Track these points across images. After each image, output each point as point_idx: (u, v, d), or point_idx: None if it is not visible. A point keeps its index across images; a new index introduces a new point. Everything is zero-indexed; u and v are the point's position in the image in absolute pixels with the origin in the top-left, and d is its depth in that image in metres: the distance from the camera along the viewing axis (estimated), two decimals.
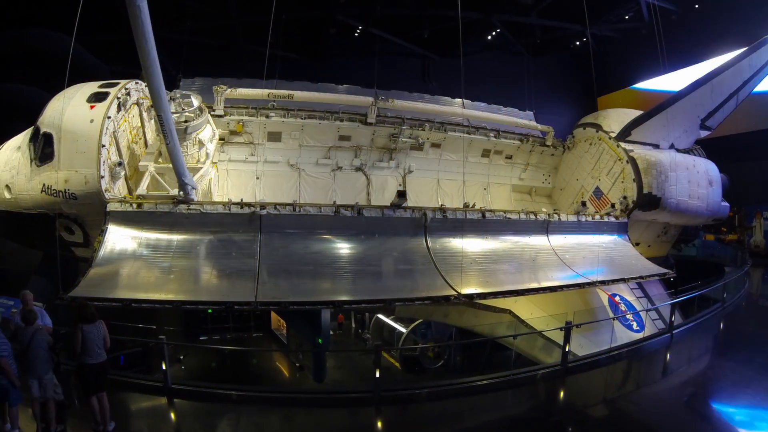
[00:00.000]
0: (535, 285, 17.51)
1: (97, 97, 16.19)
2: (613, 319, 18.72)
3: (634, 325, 19.56)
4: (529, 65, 44.67)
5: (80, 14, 10.90)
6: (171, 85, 19.30)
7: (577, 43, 47.08)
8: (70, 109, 15.79)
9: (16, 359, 9.95)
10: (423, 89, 29.21)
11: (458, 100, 25.34)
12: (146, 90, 17.70)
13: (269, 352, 27.96)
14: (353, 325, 31.77)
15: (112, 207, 15.27)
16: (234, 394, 12.60)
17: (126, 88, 17.10)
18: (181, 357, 23.99)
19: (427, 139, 23.84)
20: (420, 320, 25.85)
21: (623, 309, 20.15)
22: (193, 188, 15.48)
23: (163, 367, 12.81)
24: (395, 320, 27.81)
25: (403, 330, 26.57)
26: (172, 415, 12.13)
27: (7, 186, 16.83)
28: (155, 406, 12.42)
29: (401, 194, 17.06)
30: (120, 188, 16.56)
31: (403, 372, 25.52)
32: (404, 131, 23.05)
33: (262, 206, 15.80)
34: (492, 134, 25.06)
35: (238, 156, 22.05)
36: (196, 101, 18.29)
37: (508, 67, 45.89)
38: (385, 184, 23.68)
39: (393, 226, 17.14)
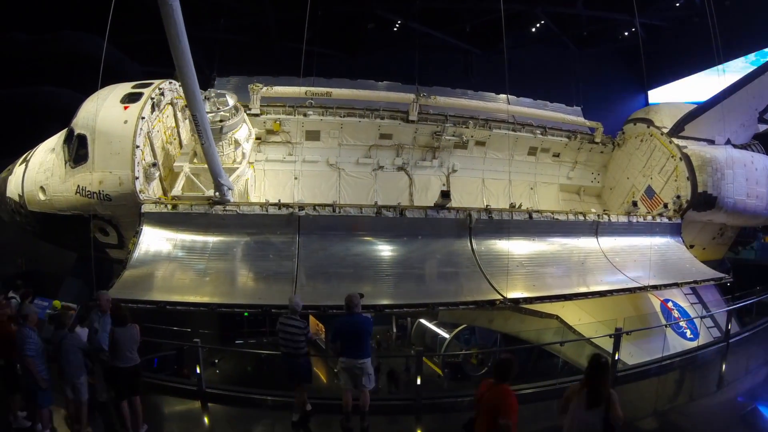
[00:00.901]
0: (583, 289, 17.28)
1: (131, 98, 16.37)
2: (666, 326, 18.13)
3: (688, 333, 19.12)
4: (576, 58, 44.14)
5: (112, 15, 10.97)
6: (205, 84, 19.43)
7: (626, 33, 45.60)
8: (104, 110, 15.98)
9: (50, 361, 10.08)
10: (466, 85, 28.91)
11: (503, 96, 25.05)
12: (180, 90, 17.82)
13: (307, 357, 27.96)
14: (394, 331, 31.66)
15: (146, 208, 15.41)
16: (269, 400, 12.67)
17: (160, 89, 17.27)
18: (216, 360, 24.16)
19: (472, 136, 23.62)
20: (464, 325, 25.67)
21: (676, 316, 19.70)
22: (229, 189, 15.55)
23: (198, 370, 13.01)
24: (438, 325, 27.63)
25: (446, 336, 26.41)
26: (206, 420, 12.24)
27: (41, 188, 17.15)
28: (189, 409, 12.56)
29: (445, 194, 16.92)
30: (155, 189, 16.72)
31: (446, 379, 25.34)
32: (447, 129, 22.82)
33: (301, 207, 15.80)
34: (538, 131, 24.71)
35: (275, 156, 22.10)
36: (231, 100, 18.40)
37: (553, 60, 45.07)
38: (428, 184, 23.46)
39: (436, 228, 16.96)
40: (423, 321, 28.66)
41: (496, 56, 41.18)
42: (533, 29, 44.16)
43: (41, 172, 17.44)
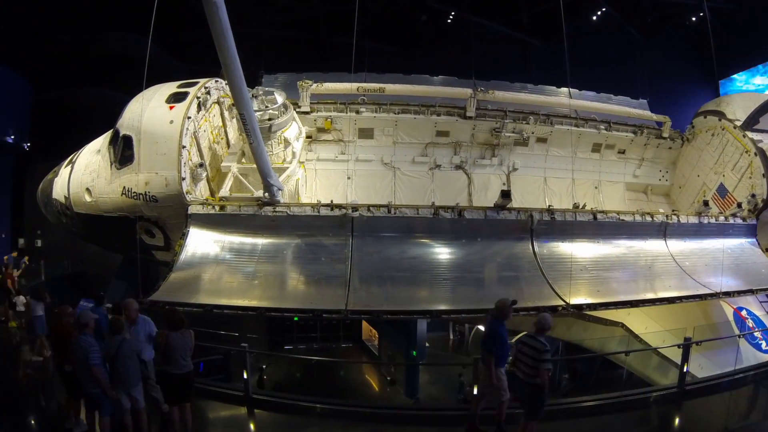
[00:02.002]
0: (650, 295, 16.72)
1: (176, 98, 16.60)
2: (739, 337, 17.46)
3: (764, 345, 18.34)
4: (641, 47, 43.17)
5: (156, 14, 11.10)
6: (252, 82, 19.57)
7: (693, 19, 44.16)
8: (149, 110, 16.25)
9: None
10: (524, 78, 28.65)
11: (564, 90, 24.63)
12: (227, 88, 17.99)
13: (358, 364, 27.96)
14: (451, 337, 31.46)
15: (193, 209, 15.57)
16: (318, 407, 12.64)
17: (206, 87, 17.45)
18: (264, 366, 24.25)
19: (532, 133, 23.22)
20: (524, 333, 25.27)
21: (751, 325, 18.88)
22: (279, 189, 15.62)
23: (245, 375, 12.99)
24: None
25: None
26: (252, 426, 12.26)
27: (87, 189, 17.47)
28: (234, 415, 12.62)
29: (505, 194, 16.61)
30: (202, 190, 16.90)
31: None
32: (507, 125, 22.53)
33: (354, 208, 15.73)
34: (603, 126, 24.14)
35: (327, 155, 22.17)
36: (280, 98, 18.44)
37: (617, 50, 44.13)
38: (488, 183, 23.18)
39: (496, 229, 16.70)
40: (482, 327, 28.35)
41: (556, 47, 40.40)
42: (594, 17, 43.35)
43: (87, 173, 17.77)
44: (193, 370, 10.49)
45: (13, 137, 41.56)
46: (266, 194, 15.38)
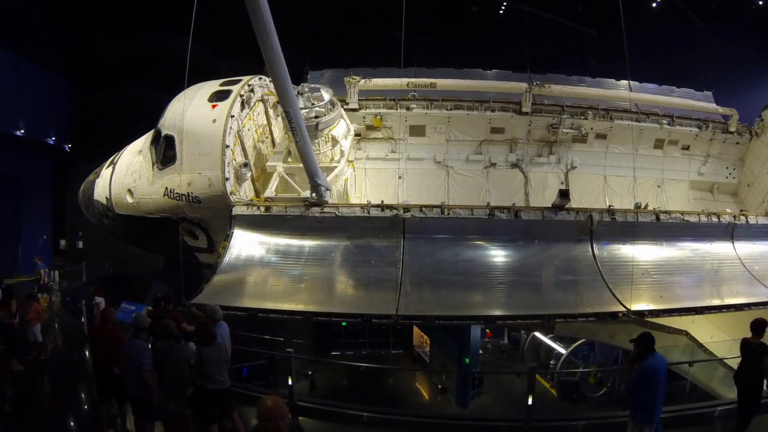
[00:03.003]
0: (716, 302, 16.30)
1: (219, 96, 16.76)
2: None
3: None
4: (704, 35, 42.14)
5: (196, 12, 11.25)
6: (298, 78, 19.64)
7: (760, 2, 43.12)
8: (191, 109, 16.46)
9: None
10: (582, 71, 28.23)
11: (623, 83, 24.19)
12: (271, 85, 18.13)
13: (408, 371, 27.88)
14: (506, 344, 31.20)
15: (237, 210, 15.66)
16: (365, 416, 12.72)
17: (249, 85, 17.61)
18: (310, 372, 24.39)
19: (591, 129, 22.85)
20: (582, 340, 24.97)
21: None
22: (327, 189, 15.59)
23: (289, 382, 13.14)
24: (554, 339, 27.01)
25: (563, 351, 25.76)
26: None
27: (129, 190, 17.74)
28: None
29: (564, 194, 16.34)
30: (246, 190, 17.05)
31: (559, 399, 24.73)
32: (564, 121, 22.23)
33: (406, 209, 15.59)
34: (665, 121, 23.61)
35: (376, 153, 22.16)
36: (326, 95, 18.46)
37: (678, 39, 42.80)
38: (545, 182, 22.90)
39: (554, 231, 16.40)
40: (538, 334, 28.10)
41: (614, 37, 39.73)
42: (654, 4, 42.15)
43: (128, 174, 18.03)
44: (229, 387, 10.42)
45: (53, 139, 42.48)
46: (313, 194, 15.36)
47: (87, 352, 16.88)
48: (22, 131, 38.69)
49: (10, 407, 14.25)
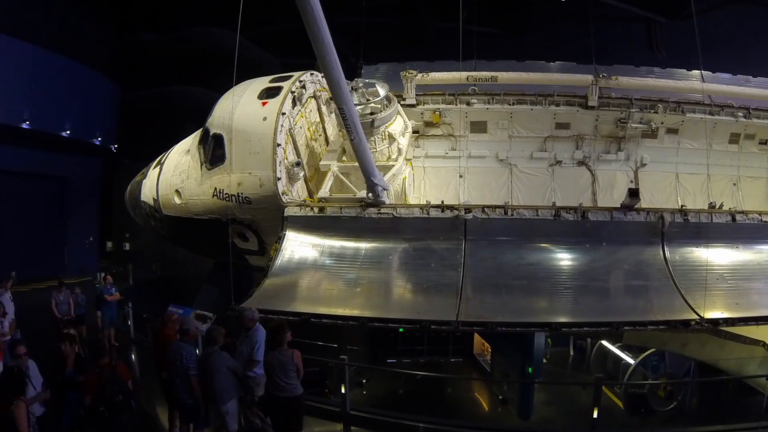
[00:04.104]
0: None
1: (269, 93, 16.92)
2: None
3: None
4: None
5: (243, 6, 11.37)
6: (351, 73, 19.69)
7: None
8: (241, 107, 16.65)
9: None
10: (650, 61, 27.87)
11: (695, 73, 23.82)
12: (323, 81, 18.19)
13: (468, 380, 27.70)
14: (570, 353, 30.84)
15: (290, 211, 15.77)
16: (421, 426, 12.75)
17: (300, 81, 17.71)
18: (364, 380, 24.33)
19: (661, 123, 22.29)
20: (652, 350, 24.54)
21: None
22: (384, 189, 15.55)
23: (343, 390, 13.28)
24: (622, 349, 26.57)
25: (631, 361, 25.31)
26: None
27: (176, 191, 17.99)
28: None
29: (633, 193, 16.05)
30: (299, 191, 17.14)
31: (626, 413, 24.31)
32: (633, 115, 21.74)
33: (467, 209, 15.43)
34: (741, 114, 22.88)
35: (436, 151, 22.04)
36: (382, 90, 18.47)
37: (753, 24, 41.21)
38: (614, 181, 22.51)
39: (623, 233, 16.13)
40: (605, 343, 27.70)
41: (685, 24, 39.13)
42: None
43: (176, 174, 18.28)
44: (302, 394, 10.44)
45: (100, 139, 43.35)
46: (370, 195, 15.31)
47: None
48: (68, 132, 39.54)
49: None
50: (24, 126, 36.40)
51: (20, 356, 10.62)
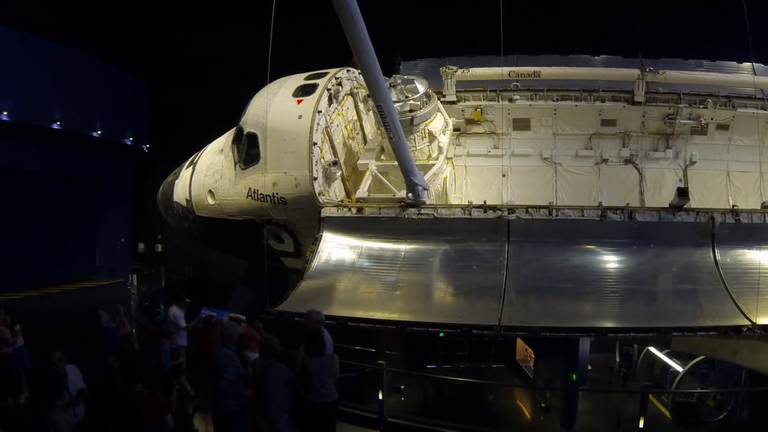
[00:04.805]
0: None
1: (304, 90, 17.00)
2: None
3: None
4: None
5: (276, 2, 11.47)
6: (389, 69, 19.63)
7: None
8: (275, 105, 16.76)
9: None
10: (699, 53, 27.26)
11: (747, 65, 23.34)
12: (360, 78, 18.25)
13: (510, 387, 27.58)
14: (616, 360, 30.56)
15: (327, 212, 15.84)
16: None
17: (336, 78, 17.79)
18: (402, 386, 24.32)
19: (711, 119, 21.91)
20: (701, 357, 24.24)
21: None
22: (425, 189, 15.55)
23: (380, 396, 13.22)
24: (670, 355, 26.25)
25: (679, 369, 25.01)
26: None
27: (210, 191, 18.11)
28: None
29: (682, 192, 15.86)
30: (336, 191, 17.24)
31: (674, 423, 24.01)
32: (682, 110, 21.37)
33: (511, 209, 15.37)
34: None
35: (478, 149, 21.90)
36: (421, 87, 18.48)
37: None
38: (662, 180, 22.11)
39: (672, 234, 15.94)
40: (652, 349, 27.39)
41: (735, 13, 38.38)
42: None
43: (209, 174, 18.40)
44: (337, 399, 10.42)
45: (131, 139, 43.98)
46: (410, 195, 15.33)
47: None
48: (99, 132, 40.16)
49: None
50: (54, 126, 37.00)
51: (57, 362, 10.74)
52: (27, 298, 32.90)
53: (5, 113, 34.91)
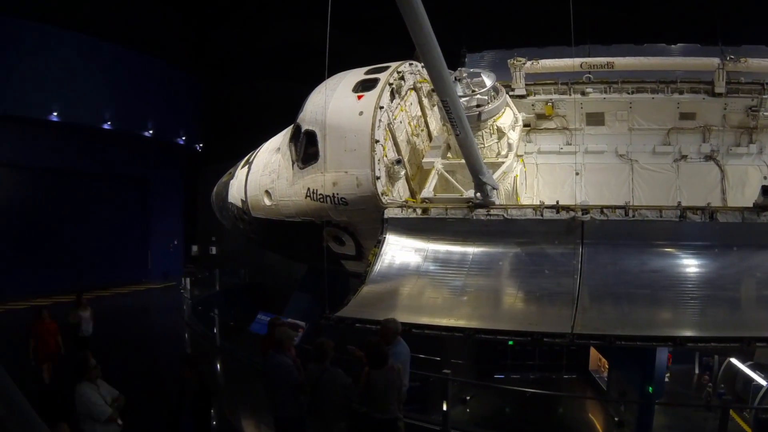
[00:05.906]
0: None
1: (365, 85, 17.03)
2: None
3: None
4: None
5: None
6: (454, 62, 19.59)
7: None
8: (334, 101, 16.81)
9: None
10: None
11: None
12: (424, 72, 18.18)
13: (581, 399, 27.30)
14: (696, 371, 30.03)
15: (390, 213, 15.85)
16: None
17: (398, 72, 17.79)
18: (468, 397, 24.26)
19: None
20: None
21: None
22: (494, 188, 15.44)
23: (444, 407, 13.03)
24: (753, 368, 25.70)
25: (763, 382, 24.47)
26: None
27: (266, 192, 18.26)
28: None
29: (767, 191, 15.48)
30: (400, 191, 17.19)
31: None
32: (765, 102, 20.63)
33: (585, 210, 15.16)
34: None
35: (549, 146, 21.55)
36: (488, 80, 18.38)
37: None
38: (745, 177, 21.34)
39: (757, 236, 15.46)
40: (734, 361, 26.83)
41: None
42: None
43: (266, 174, 18.57)
44: (397, 417, 10.41)
45: (183, 139, 44.60)
46: (478, 194, 15.22)
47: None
48: (151, 132, 40.81)
49: None
50: (105, 127, 37.69)
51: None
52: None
53: (55, 114, 35.68)
